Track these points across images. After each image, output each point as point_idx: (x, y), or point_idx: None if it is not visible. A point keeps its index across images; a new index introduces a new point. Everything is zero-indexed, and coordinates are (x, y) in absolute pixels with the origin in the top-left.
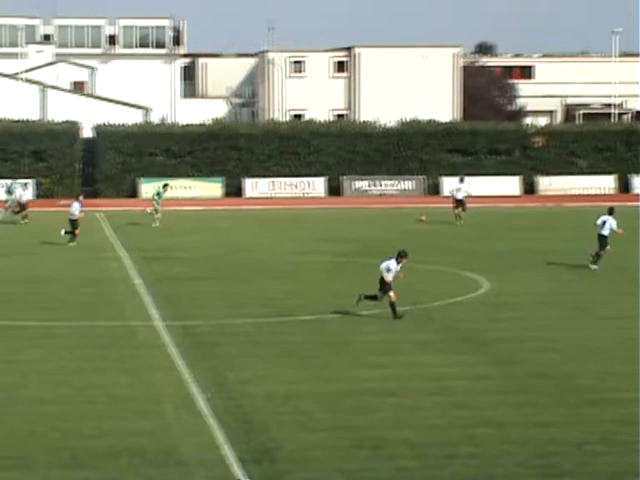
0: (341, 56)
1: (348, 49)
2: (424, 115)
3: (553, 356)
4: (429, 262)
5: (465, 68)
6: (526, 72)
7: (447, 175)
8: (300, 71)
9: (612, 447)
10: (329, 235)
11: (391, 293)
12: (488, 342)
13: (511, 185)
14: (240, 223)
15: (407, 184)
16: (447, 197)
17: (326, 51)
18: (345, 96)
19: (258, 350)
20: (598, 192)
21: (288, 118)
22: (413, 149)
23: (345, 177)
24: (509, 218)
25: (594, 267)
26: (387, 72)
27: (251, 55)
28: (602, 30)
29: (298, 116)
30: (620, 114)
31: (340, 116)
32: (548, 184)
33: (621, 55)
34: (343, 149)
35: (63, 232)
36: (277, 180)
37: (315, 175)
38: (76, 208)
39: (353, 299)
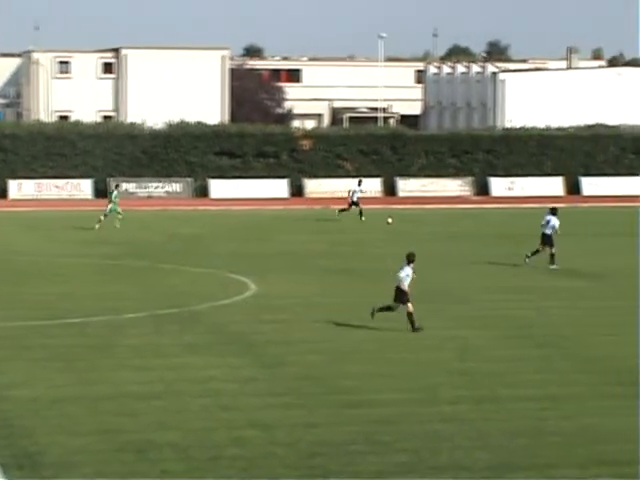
0: (108, 57)
1: (116, 50)
2: (192, 117)
3: (319, 358)
4: (197, 265)
5: (233, 71)
6: (294, 75)
7: (215, 178)
8: (66, 72)
9: (375, 447)
10: (96, 238)
11: (409, 304)
12: (255, 344)
13: (279, 188)
14: (4, 225)
15: (175, 186)
16: (217, 200)
17: (93, 52)
18: (113, 97)
19: (25, 354)
20: (364, 194)
21: (54, 119)
22: (181, 151)
23: (112, 179)
24: (277, 221)
25: (553, 267)
26: (155, 74)
27: (16, 55)
28: (369, 35)
29: (64, 117)
30: (386, 118)
31: (107, 117)
32: (316, 187)
33: (387, 60)
34: (110, 151)
35: None
36: (43, 182)
37: (82, 177)
38: None
39: (121, 302)
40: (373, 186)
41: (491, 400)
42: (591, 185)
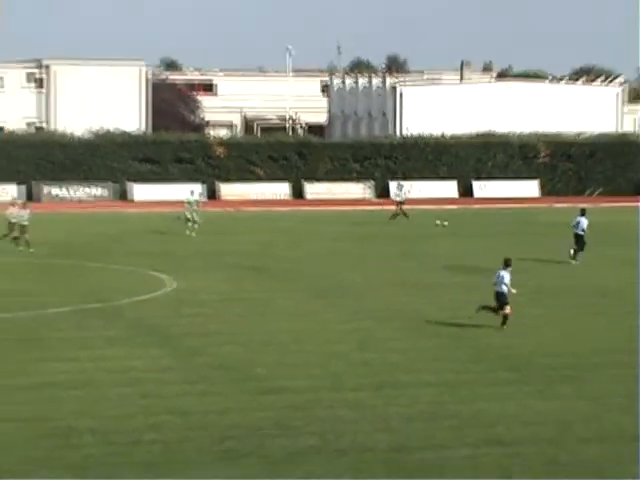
0: (34, 68)
1: (39, 62)
2: (116, 126)
3: (234, 348)
4: (120, 263)
5: (152, 82)
6: (208, 87)
7: (136, 182)
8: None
9: (285, 431)
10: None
11: (508, 307)
12: (173, 336)
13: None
14: None
15: (99, 190)
16: (138, 202)
17: (20, 64)
18: (39, 108)
19: None
20: (274, 197)
21: None
22: (105, 158)
23: (39, 182)
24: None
25: (574, 262)
26: (79, 86)
27: None
28: (277, 49)
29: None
30: (294, 127)
31: (36, 127)
32: (229, 190)
33: (294, 72)
34: (38, 157)
35: None
36: None
37: (7, 181)
38: None
39: (47, 298)
40: (282, 189)
41: (391, 386)
42: (482, 188)
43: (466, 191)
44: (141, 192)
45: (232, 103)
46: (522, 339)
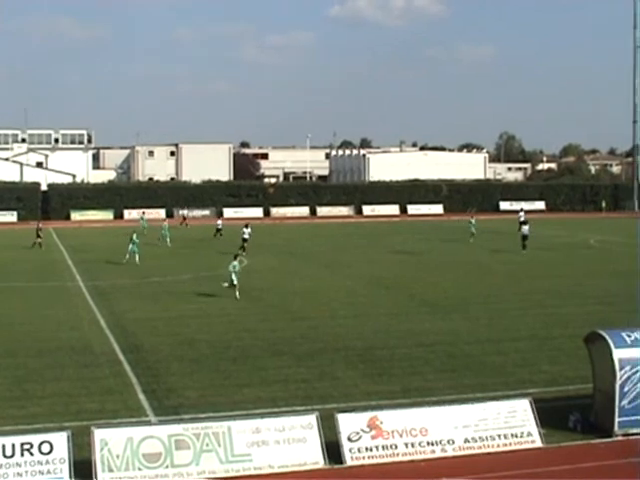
0: (171, 146)
1: (176, 145)
2: (216, 178)
3: (278, 296)
4: (218, 249)
5: (234, 154)
6: (265, 156)
7: (225, 206)
8: None
9: (306, 340)
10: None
11: None
12: (246, 290)
13: None
14: None
15: (207, 211)
16: (226, 217)
17: (163, 145)
18: (174, 168)
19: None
20: (300, 215)
21: None
22: (210, 194)
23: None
24: None
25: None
26: (196, 158)
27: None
28: (301, 133)
29: None
30: (310, 177)
31: (171, 178)
32: (275, 211)
33: (311, 147)
34: (175, 194)
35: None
36: None
37: (157, 207)
38: None
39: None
40: (304, 211)
41: (363, 315)
42: (412, 209)
43: (402, 211)
44: (228, 212)
45: (278, 164)
46: (431, 289)
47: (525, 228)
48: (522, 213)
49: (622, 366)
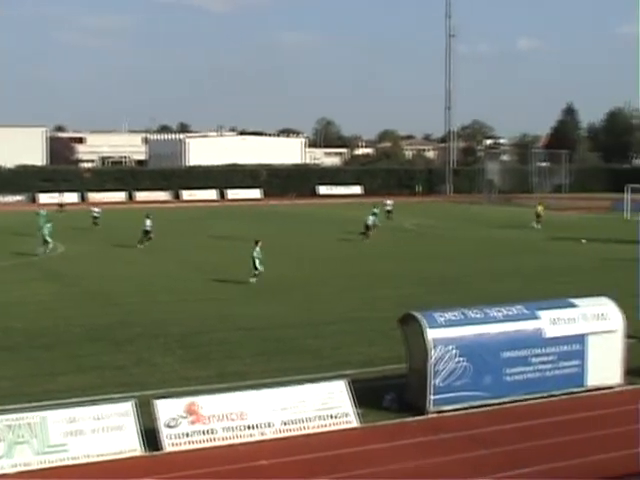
0: None
1: None
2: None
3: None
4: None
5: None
6: (79, 140)
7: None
8: None
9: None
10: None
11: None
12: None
13: None
14: None
15: (19, 197)
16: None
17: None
18: None
19: None
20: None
21: None
22: (25, 178)
23: None
24: None
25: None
26: None
27: None
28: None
29: None
30: (116, 162)
31: None
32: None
33: (129, 132)
34: None
35: None
36: None
37: None
38: None
39: None
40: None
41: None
42: (231, 195)
43: (222, 196)
44: (44, 198)
45: (95, 149)
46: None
47: (372, 219)
48: (389, 201)
49: (435, 345)
